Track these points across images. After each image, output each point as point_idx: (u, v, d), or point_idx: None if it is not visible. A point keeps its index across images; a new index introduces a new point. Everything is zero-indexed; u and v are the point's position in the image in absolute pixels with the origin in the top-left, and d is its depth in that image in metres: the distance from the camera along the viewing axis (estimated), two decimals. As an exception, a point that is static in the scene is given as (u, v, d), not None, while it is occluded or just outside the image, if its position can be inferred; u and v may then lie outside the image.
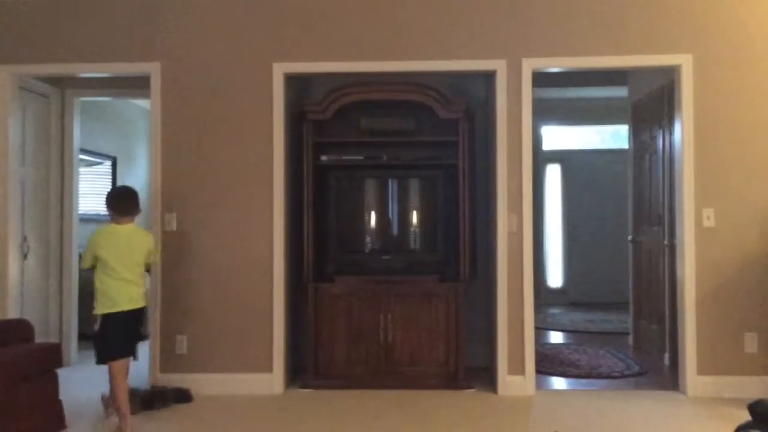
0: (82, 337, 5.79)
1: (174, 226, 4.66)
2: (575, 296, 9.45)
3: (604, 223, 9.16)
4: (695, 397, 4.48)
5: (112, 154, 7.80)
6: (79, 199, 5.79)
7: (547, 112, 8.69)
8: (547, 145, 9.69)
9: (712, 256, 4.54)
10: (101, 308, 3.71)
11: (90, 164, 7.43)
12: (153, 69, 4.71)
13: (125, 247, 3.80)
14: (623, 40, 4.60)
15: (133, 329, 3.82)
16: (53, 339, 5.32)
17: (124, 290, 3.73)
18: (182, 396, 4.42)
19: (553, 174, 9.78)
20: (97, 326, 3.73)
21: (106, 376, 3.80)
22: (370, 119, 4.99)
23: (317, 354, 4.73)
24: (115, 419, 3.80)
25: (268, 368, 4.63)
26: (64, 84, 5.50)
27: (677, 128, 4.71)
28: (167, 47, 4.72)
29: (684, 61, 4.57)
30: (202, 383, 4.57)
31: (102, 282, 3.72)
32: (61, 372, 3.93)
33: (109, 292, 3.70)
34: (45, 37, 4.73)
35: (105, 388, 4.04)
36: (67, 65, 4.79)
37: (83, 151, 6.58)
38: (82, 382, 4.85)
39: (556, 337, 7.05)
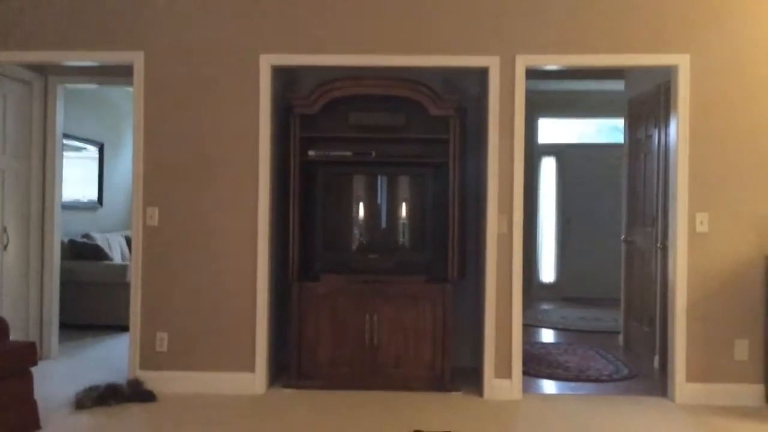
0: (63, 327, 5.72)
1: (156, 221, 4.55)
2: (568, 291, 9.37)
3: (599, 218, 9.02)
4: (683, 404, 4.40)
5: (99, 140, 7.69)
6: (65, 186, 5.67)
7: (543, 105, 8.57)
8: (543, 137, 9.57)
9: (704, 262, 4.45)
10: None
11: (76, 150, 7.32)
12: (136, 58, 4.58)
13: None
14: (620, 38, 4.48)
15: None
16: (34, 330, 5.23)
17: None
18: (143, 395, 4.30)
19: (549, 167, 9.66)
20: None
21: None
22: (359, 114, 4.85)
23: (301, 354, 4.63)
24: None
25: (251, 367, 4.53)
26: (47, 70, 5.35)
27: (672, 129, 4.59)
28: (151, 36, 4.58)
29: (681, 62, 4.46)
30: (183, 381, 4.48)
31: None
32: (40, 365, 3.88)
33: None
34: (27, 24, 4.59)
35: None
36: (50, 53, 4.66)
37: (69, 136, 6.46)
38: (60, 378, 4.75)
39: (546, 335, 6.98)
